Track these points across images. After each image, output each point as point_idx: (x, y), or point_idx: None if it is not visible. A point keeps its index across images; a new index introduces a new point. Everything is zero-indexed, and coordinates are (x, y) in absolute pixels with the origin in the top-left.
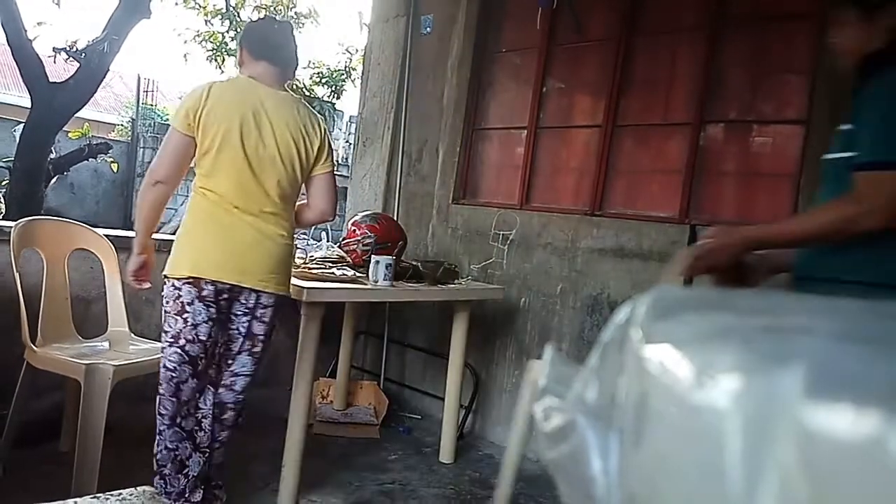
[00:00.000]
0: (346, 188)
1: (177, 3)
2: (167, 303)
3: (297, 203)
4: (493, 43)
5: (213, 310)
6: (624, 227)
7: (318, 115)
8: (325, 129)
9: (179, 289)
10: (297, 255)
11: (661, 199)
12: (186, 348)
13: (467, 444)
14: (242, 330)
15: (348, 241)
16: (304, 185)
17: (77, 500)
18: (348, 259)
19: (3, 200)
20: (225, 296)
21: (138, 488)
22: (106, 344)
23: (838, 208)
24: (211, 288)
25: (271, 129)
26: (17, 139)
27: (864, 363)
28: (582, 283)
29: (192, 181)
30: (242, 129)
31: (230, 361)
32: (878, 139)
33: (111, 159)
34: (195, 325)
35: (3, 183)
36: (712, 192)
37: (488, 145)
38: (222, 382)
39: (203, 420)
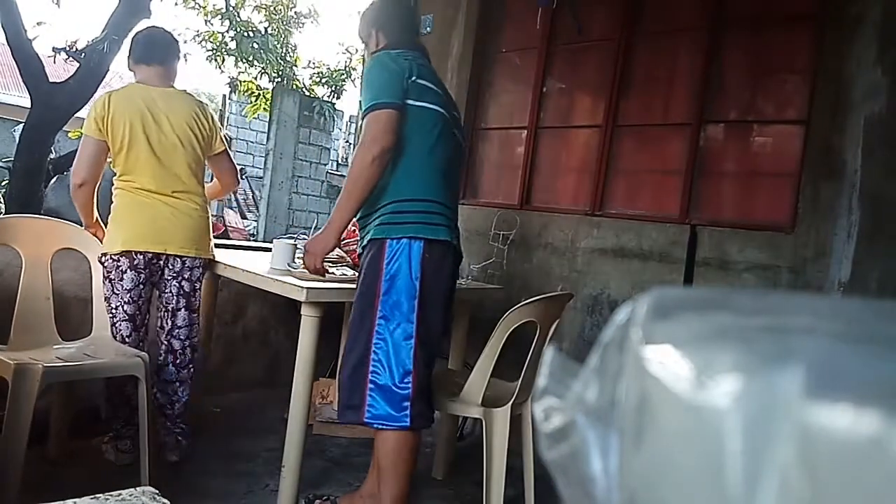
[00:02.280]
0: None
1: (177, 3)
2: (107, 273)
3: (207, 185)
4: (493, 43)
5: (143, 276)
6: (624, 227)
7: (204, 104)
8: (212, 115)
9: (117, 261)
10: (296, 256)
11: (661, 199)
12: (125, 308)
13: (468, 445)
14: (175, 290)
15: (348, 241)
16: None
17: (76, 500)
18: (348, 259)
19: (2, 200)
20: (154, 262)
21: (138, 488)
22: (79, 347)
23: (355, 154)
24: (140, 258)
25: (168, 121)
26: (17, 139)
27: (864, 363)
28: (582, 283)
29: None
30: (144, 127)
31: (173, 317)
32: (363, 96)
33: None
34: (129, 290)
35: (3, 183)
36: (712, 192)
37: (488, 145)
38: (171, 334)
39: (162, 368)
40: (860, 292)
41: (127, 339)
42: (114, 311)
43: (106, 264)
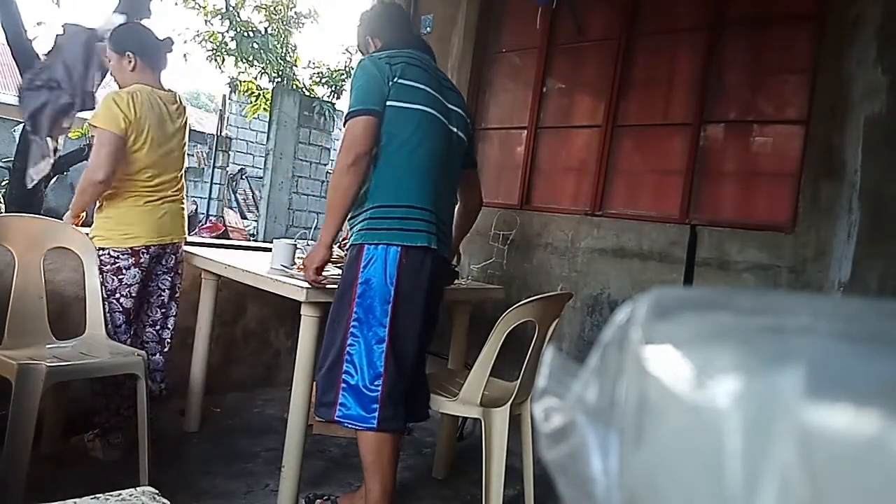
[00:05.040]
0: None
1: (176, 4)
2: (106, 266)
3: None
4: (493, 43)
5: (145, 273)
6: (624, 227)
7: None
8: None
9: (117, 258)
10: (297, 256)
11: (661, 199)
12: (122, 302)
13: (468, 445)
14: (166, 284)
15: (347, 241)
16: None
17: (77, 500)
18: None
19: (2, 200)
20: (155, 259)
21: (138, 489)
22: (74, 346)
23: (338, 158)
24: (146, 256)
25: (172, 127)
26: (17, 139)
27: (864, 363)
28: (582, 283)
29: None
30: (156, 134)
31: (165, 309)
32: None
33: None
34: (129, 286)
35: (3, 183)
36: (712, 192)
37: (488, 145)
38: (163, 325)
39: (151, 356)
40: (860, 292)
41: (117, 330)
42: (110, 303)
43: (104, 258)
